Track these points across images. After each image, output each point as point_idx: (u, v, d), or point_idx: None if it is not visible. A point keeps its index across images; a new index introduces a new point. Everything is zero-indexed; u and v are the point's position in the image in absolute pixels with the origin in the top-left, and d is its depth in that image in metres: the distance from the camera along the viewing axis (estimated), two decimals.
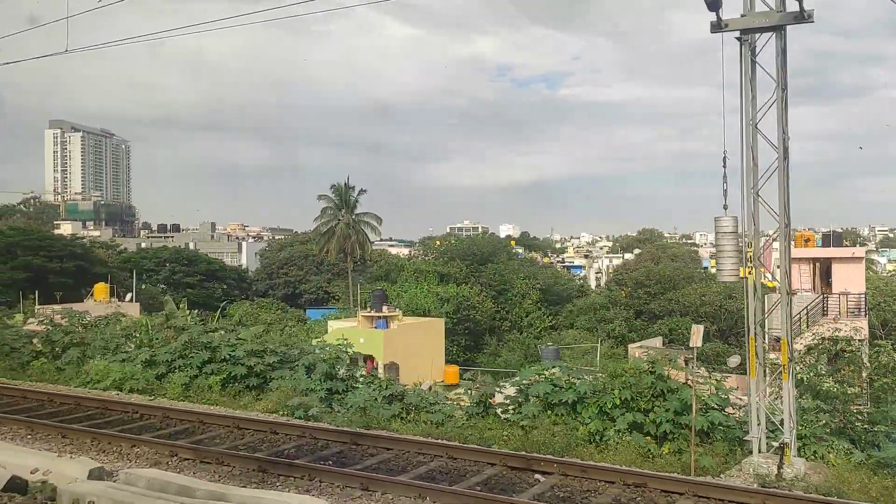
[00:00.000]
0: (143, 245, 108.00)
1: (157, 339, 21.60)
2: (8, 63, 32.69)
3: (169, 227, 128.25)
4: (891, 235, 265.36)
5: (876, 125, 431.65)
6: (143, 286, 78.33)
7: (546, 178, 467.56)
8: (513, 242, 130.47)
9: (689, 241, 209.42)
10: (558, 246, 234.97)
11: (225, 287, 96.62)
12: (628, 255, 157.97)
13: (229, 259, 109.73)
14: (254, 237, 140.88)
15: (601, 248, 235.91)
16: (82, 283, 71.64)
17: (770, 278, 17.96)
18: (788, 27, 11.81)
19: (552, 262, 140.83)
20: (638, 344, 34.22)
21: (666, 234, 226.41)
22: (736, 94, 12.30)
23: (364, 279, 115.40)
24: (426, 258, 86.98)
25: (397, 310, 43.72)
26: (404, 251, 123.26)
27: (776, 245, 13.22)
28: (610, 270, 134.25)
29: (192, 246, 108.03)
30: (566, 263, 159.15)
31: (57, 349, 22.16)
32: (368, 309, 43.41)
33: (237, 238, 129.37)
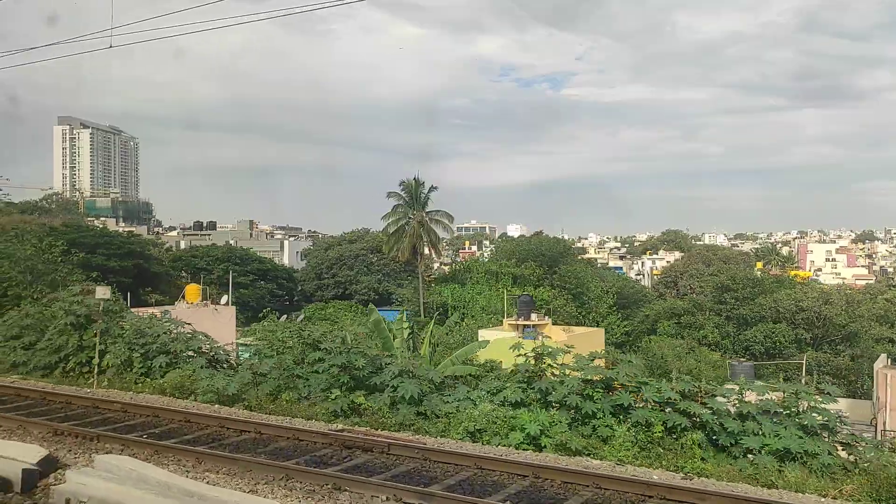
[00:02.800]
0: (182, 244, 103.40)
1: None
2: (49, 59, 29.47)
3: (205, 225, 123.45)
4: None
5: (882, 128, 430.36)
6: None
7: (551, 178, 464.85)
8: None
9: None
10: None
11: (275, 287, 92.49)
12: (669, 257, 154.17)
13: (271, 258, 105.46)
14: (293, 236, 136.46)
15: (612, 249, 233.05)
16: (141, 283, 67.37)
17: None
18: None
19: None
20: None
21: (691, 236, 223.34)
22: (741, 94, 8.37)
23: (429, 281, 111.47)
24: (496, 259, 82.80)
25: (547, 318, 39.57)
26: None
27: None
28: (654, 272, 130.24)
29: (232, 244, 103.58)
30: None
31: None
32: (515, 317, 39.27)
33: (279, 237, 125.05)
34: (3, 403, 14.78)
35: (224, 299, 49.51)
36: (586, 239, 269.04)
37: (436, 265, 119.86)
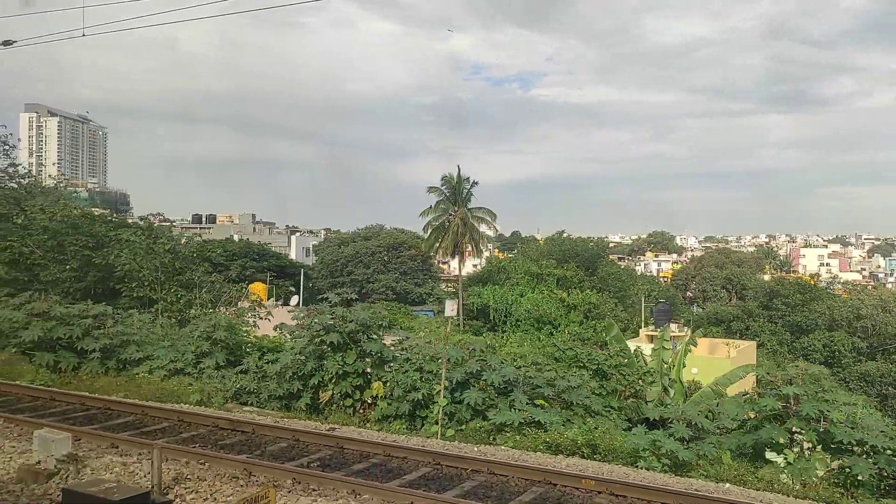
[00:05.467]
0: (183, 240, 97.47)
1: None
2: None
3: (204, 218, 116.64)
4: (877, 242, 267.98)
5: (847, 134, 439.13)
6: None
7: (524, 178, 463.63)
8: None
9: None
10: None
11: (292, 285, 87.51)
12: (665, 258, 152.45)
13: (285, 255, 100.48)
14: (297, 232, 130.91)
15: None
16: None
17: None
18: None
19: None
20: None
21: (689, 238, 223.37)
22: (711, 97, 5.62)
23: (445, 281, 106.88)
24: (534, 259, 79.15)
25: (686, 328, 36.06)
26: None
27: None
28: (661, 274, 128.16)
29: (235, 238, 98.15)
30: None
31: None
32: (651, 327, 35.68)
33: (285, 231, 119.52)
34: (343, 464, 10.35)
35: (294, 300, 44.97)
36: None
37: (451, 265, 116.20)
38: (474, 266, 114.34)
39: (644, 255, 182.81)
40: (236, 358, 18.95)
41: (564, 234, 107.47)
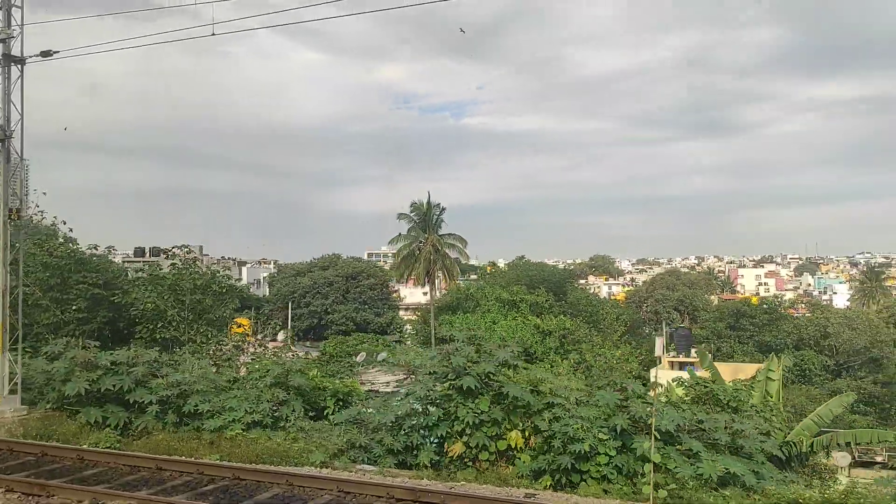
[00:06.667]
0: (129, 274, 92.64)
1: None
2: None
3: (148, 251, 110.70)
4: (801, 261, 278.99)
5: (763, 160, 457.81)
6: None
7: (457, 204, 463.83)
8: None
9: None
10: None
11: (253, 317, 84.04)
12: (611, 282, 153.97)
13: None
14: (245, 263, 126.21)
15: None
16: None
17: None
18: None
19: None
20: None
21: (622, 261, 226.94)
22: (638, 126, 5.92)
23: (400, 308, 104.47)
24: (503, 286, 77.93)
25: (708, 354, 35.28)
26: None
27: None
28: (612, 297, 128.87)
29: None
30: None
31: None
32: (672, 353, 34.85)
33: (235, 263, 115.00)
34: None
35: (281, 335, 42.36)
36: (496, 265, 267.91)
37: (404, 292, 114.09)
38: (424, 294, 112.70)
39: (587, 279, 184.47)
40: (311, 406, 16.97)
41: (524, 259, 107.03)
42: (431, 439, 13.65)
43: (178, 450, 13.96)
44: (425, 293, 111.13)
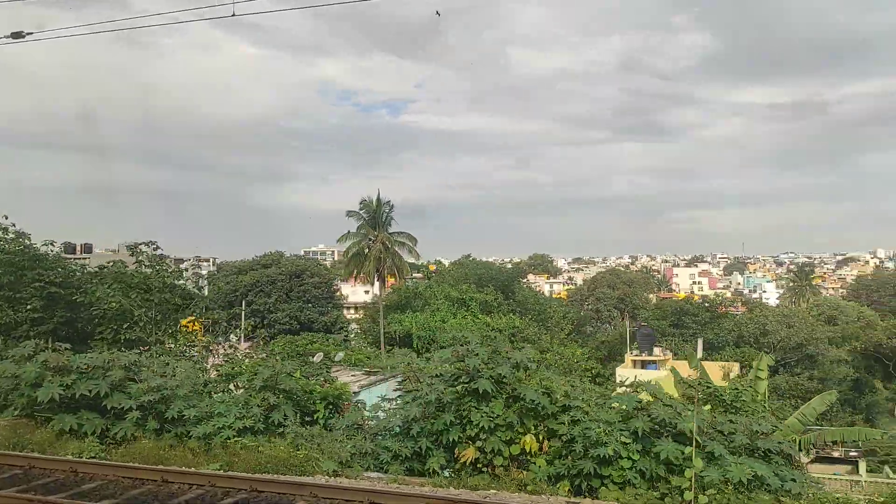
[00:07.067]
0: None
1: None
2: None
3: (79, 248, 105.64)
4: (730, 261, 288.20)
5: (692, 163, 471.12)
6: None
7: (394, 203, 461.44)
8: None
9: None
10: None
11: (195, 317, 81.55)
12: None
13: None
14: (189, 260, 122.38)
15: None
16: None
17: None
18: None
19: None
20: None
21: (559, 260, 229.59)
22: (575, 127, 7.30)
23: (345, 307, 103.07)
24: (450, 284, 77.70)
25: (668, 352, 35.78)
26: None
27: None
28: (554, 296, 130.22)
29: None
30: None
31: None
32: (634, 352, 35.19)
33: (172, 260, 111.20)
34: None
35: (234, 337, 41.04)
36: (434, 263, 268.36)
37: (346, 290, 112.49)
38: (366, 293, 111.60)
39: (527, 278, 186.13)
40: (301, 410, 16.25)
41: (471, 258, 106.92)
42: (442, 445, 13.14)
43: (169, 459, 13.10)
44: (367, 292, 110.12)
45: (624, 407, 12.57)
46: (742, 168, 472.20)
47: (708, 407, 15.16)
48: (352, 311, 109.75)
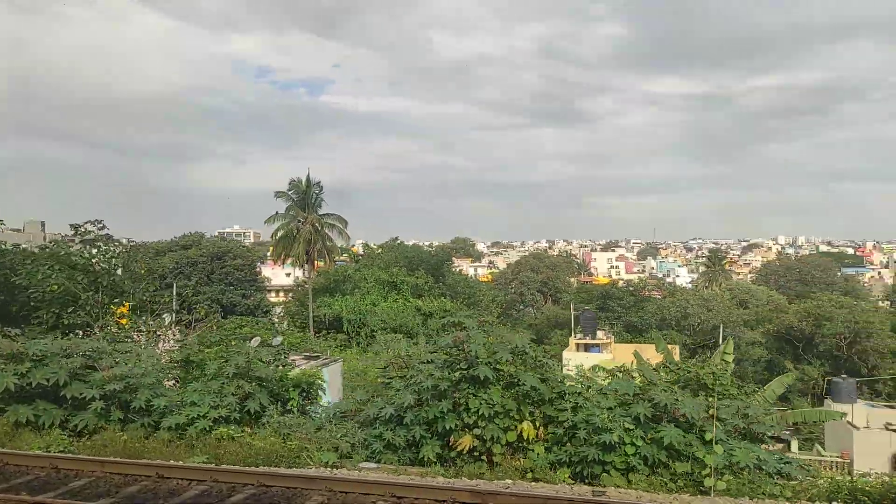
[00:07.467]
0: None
1: None
2: None
3: None
4: (643, 246, 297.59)
5: (608, 149, 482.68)
6: None
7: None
8: None
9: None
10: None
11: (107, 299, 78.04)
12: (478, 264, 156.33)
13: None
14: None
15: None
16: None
17: None
18: None
19: None
20: None
21: (478, 244, 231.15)
22: (494, 112, 9.24)
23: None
24: (380, 267, 76.88)
25: (610, 335, 36.36)
26: None
27: None
28: (480, 278, 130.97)
29: (35, 250, 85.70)
30: None
31: None
32: (579, 335, 35.67)
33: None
34: None
35: (166, 318, 39.21)
36: (354, 246, 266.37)
37: (267, 273, 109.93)
38: (287, 275, 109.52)
39: (451, 261, 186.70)
40: (274, 398, 15.57)
41: (399, 241, 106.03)
42: (437, 433, 12.74)
43: (147, 452, 12.24)
44: (288, 274, 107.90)
45: (624, 392, 12.45)
46: (654, 156, 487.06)
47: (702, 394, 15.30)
48: (273, 294, 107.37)
